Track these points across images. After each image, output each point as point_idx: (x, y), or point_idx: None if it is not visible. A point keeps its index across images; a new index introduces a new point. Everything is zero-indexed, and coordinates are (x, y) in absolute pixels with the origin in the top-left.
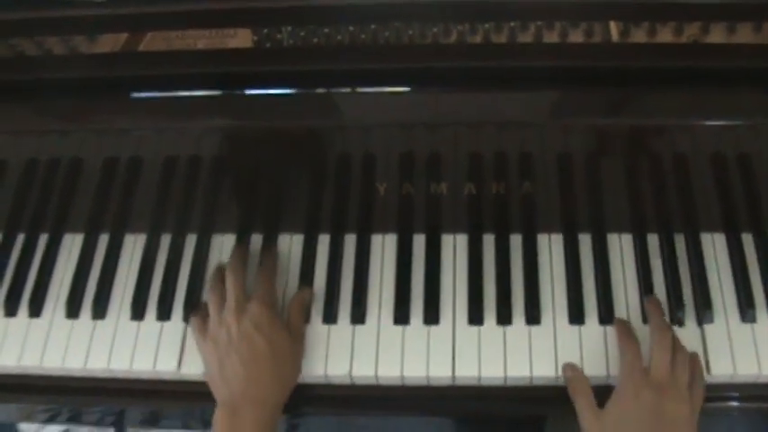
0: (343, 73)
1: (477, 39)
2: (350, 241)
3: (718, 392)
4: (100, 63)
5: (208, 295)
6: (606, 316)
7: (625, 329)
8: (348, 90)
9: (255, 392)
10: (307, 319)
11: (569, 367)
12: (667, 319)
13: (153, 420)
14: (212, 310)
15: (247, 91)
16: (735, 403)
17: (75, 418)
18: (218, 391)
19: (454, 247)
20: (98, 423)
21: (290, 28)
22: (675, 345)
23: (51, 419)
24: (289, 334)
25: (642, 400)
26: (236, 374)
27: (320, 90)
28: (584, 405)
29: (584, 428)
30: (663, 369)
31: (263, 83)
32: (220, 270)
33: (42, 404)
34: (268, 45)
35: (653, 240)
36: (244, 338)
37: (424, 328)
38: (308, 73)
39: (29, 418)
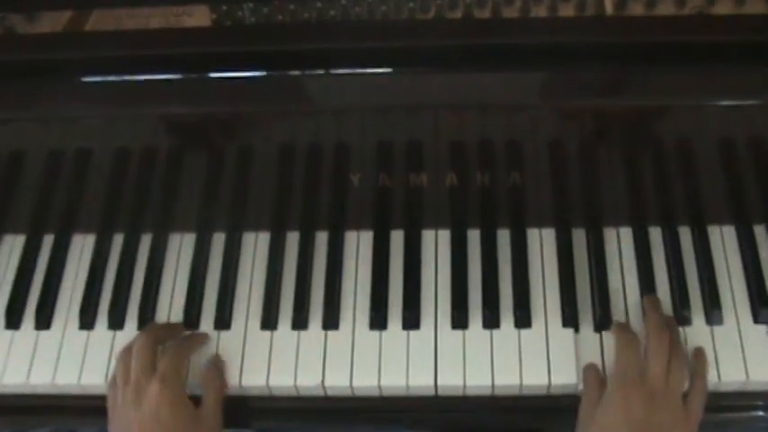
0: (310, 53)
1: (458, 14)
2: (321, 239)
3: (739, 401)
4: (42, 44)
5: (116, 363)
6: (603, 318)
7: (624, 329)
8: (317, 71)
9: None
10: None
11: (589, 368)
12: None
13: None
14: (119, 383)
15: (208, 74)
16: (761, 413)
17: None
18: None
19: (436, 244)
20: None
21: (251, 5)
22: (673, 349)
23: None
24: (194, 418)
25: (631, 410)
26: None
27: (286, 72)
28: (585, 410)
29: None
30: (658, 376)
31: (225, 65)
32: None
33: None
34: (228, 24)
35: (655, 234)
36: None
37: (403, 334)
38: (274, 53)
39: None
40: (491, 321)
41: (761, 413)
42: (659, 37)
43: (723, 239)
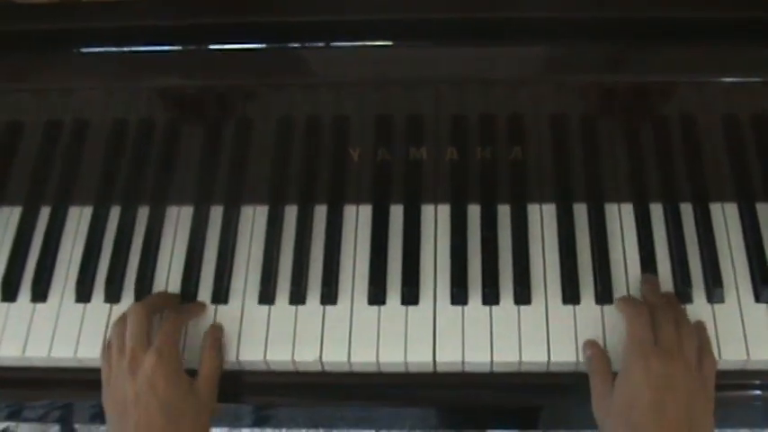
0: (310, 25)
1: None
2: (320, 213)
3: (736, 380)
4: (39, 15)
5: (111, 332)
6: (603, 295)
7: (630, 301)
8: (317, 44)
9: None
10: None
11: (590, 344)
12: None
13: (103, 415)
14: (114, 353)
15: (206, 46)
16: (758, 392)
17: (15, 415)
18: None
19: (435, 219)
20: (42, 419)
21: None
22: (680, 320)
23: None
24: (189, 391)
25: (651, 370)
26: None
27: (286, 44)
28: (598, 386)
29: (594, 409)
30: (670, 340)
31: (224, 37)
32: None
33: None
34: None
35: (656, 210)
36: (138, 403)
37: (402, 309)
38: (273, 25)
39: None
40: (490, 297)
41: (758, 392)
42: (662, 12)
43: (725, 217)
